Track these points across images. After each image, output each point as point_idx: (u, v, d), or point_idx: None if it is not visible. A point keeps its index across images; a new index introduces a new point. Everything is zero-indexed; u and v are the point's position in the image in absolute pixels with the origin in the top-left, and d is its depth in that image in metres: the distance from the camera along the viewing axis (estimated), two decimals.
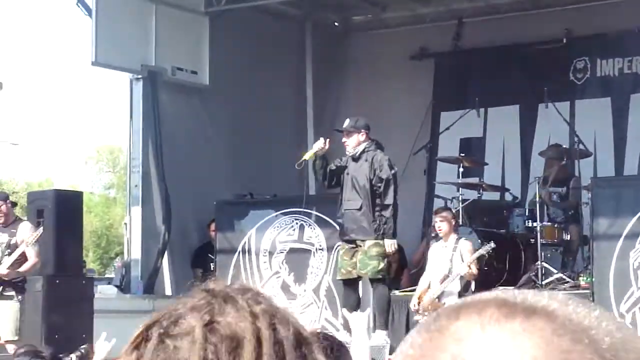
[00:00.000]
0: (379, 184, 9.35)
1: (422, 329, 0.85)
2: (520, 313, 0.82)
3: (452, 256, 9.46)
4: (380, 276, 9.39)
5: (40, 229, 9.63)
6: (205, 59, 12.81)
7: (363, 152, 9.44)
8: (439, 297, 9.27)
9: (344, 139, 9.50)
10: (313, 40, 14.44)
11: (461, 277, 9.29)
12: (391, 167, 9.45)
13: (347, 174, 9.48)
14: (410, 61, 14.23)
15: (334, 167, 9.52)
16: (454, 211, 11.38)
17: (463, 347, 0.81)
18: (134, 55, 12.16)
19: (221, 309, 1.26)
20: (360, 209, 9.33)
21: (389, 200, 9.39)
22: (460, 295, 9.03)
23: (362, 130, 9.46)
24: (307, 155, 9.70)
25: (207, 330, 1.24)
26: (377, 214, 9.31)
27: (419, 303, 9.37)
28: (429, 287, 9.47)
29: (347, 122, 9.57)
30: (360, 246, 9.36)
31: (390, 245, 9.36)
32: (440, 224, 9.65)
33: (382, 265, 9.34)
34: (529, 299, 0.84)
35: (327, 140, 9.55)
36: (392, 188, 9.42)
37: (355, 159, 9.46)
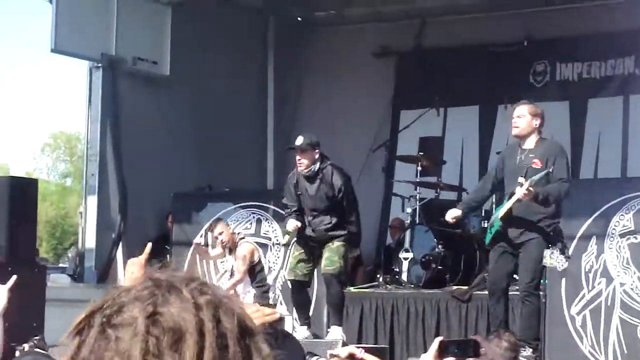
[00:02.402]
0: (343, 201, 9.28)
1: None
2: None
3: None
4: (342, 276, 9.44)
5: None
6: (166, 49, 12.73)
7: (318, 170, 9.26)
8: None
9: (298, 157, 9.23)
10: (275, 34, 14.43)
11: None
12: (348, 182, 9.42)
13: (305, 193, 9.34)
14: (372, 58, 14.25)
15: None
16: (410, 210, 11.43)
17: None
18: (95, 44, 12.06)
19: (165, 299, 1.24)
20: (330, 223, 9.29)
21: (354, 216, 9.42)
22: None
23: (317, 148, 9.27)
24: (285, 240, 9.68)
25: (149, 322, 1.21)
26: (345, 225, 9.34)
27: None
28: None
29: (301, 140, 9.25)
30: (326, 246, 9.35)
31: (354, 252, 9.67)
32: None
33: (344, 265, 9.44)
34: None
35: (299, 223, 9.37)
36: (355, 203, 9.46)
37: (310, 178, 9.28)
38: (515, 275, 9.02)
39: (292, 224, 9.35)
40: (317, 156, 9.25)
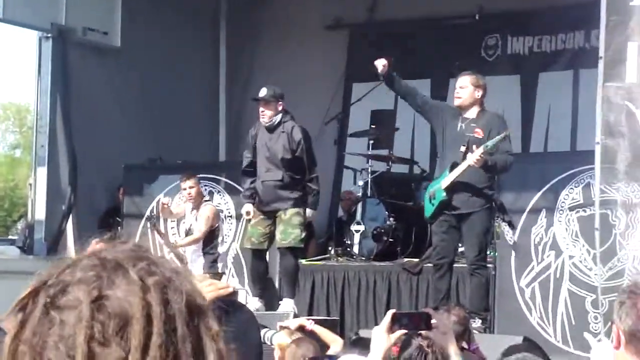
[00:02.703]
0: (301, 156, 9.28)
1: None
2: None
3: None
4: (301, 245, 9.45)
5: None
6: (117, 20, 12.60)
7: (280, 123, 9.32)
8: None
9: (262, 109, 9.32)
10: (228, 6, 14.33)
11: None
12: (308, 138, 9.43)
13: (263, 145, 9.37)
14: (324, 31, 14.21)
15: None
16: (362, 183, 11.45)
17: None
18: (44, 13, 11.89)
19: (111, 281, 1.22)
20: (282, 180, 9.28)
21: (315, 172, 9.42)
22: None
23: (280, 100, 9.36)
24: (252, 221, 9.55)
25: (94, 307, 1.20)
26: (302, 185, 9.29)
27: None
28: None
29: (265, 91, 9.36)
30: (278, 216, 9.32)
31: (312, 214, 9.49)
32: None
33: (303, 234, 9.39)
34: None
35: (253, 209, 9.39)
36: (314, 160, 9.44)
37: (271, 129, 9.33)
38: (460, 249, 9.11)
39: (246, 208, 9.41)
40: (280, 108, 9.33)
